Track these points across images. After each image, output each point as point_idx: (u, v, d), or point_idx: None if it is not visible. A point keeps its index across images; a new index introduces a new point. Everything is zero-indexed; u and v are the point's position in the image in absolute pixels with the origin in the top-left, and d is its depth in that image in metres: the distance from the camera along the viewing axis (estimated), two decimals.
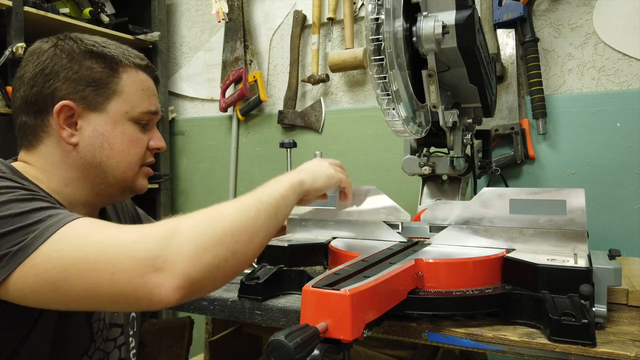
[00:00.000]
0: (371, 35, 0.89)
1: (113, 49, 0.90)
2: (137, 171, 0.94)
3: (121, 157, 0.91)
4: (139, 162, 0.94)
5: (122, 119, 0.90)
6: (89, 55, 0.87)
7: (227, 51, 2.19)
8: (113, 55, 0.89)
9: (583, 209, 0.87)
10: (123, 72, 0.90)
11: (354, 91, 1.96)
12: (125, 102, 0.90)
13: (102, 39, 0.92)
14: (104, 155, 0.89)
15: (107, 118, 0.89)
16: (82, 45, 0.88)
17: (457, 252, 0.88)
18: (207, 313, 0.98)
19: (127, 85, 0.90)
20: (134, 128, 0.92)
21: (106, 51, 0.89)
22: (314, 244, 1.01)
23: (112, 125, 0.89)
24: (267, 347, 0.53)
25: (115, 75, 0.89)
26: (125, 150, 0.91)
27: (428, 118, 1.06)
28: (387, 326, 0.81)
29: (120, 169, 0.91)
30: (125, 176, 0.92)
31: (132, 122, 0.91)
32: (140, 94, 0.92)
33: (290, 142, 1.28)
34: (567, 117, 1.60)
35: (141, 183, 0.97)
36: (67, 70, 0.86)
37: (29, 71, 0.87)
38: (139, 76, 0.92)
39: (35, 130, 0.88)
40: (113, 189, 0.93)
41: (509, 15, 1.61)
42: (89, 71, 0.87)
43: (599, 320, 0.76)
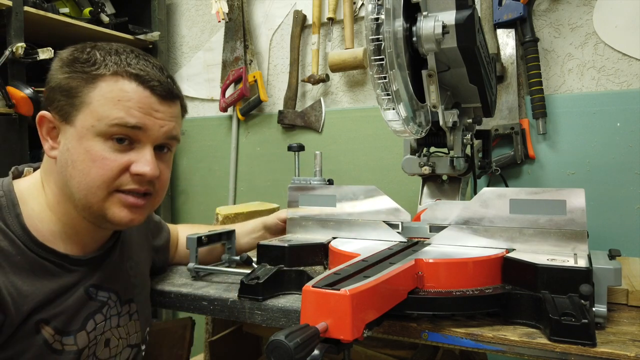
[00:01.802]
0: (371, 35, 0.89)
1: (103, 55, 0.81)
2: (104, 198, 0.80)
3: (81, 178, 0.79)
4: (104, 186, 0.79)
5: (88, 133, 0.78)
6: (72, 62, 0.80)
7: (227, 51, 2.19)
8: (94, 62, 0.80)
9: (583, 209, 0.87)
10: (101, 80, 0.79)
11: (354, 91, 1.96)
12: (91, 115, 0.78)
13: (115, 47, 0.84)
14: (68, 174, 0.80)
15: (74, 132, 0.79)
16: (76, 51, 0.82)
17: (457, 252, 0.88)
18: (207, 313, 0.98)
19: (99, 95, 0.78)
20: (102, 145, 0.79)
21: (91, 57, 0.80)
22: (314, 244, 1.01)
23: (78, 140, 0.79)
24: (267, 347, 0.53)
25: (90, 84, 0.79)
26: (86, 171, 0.78)
27: (428, 118, 1.06)
28: (387, 326, 0.81)
29: (81, 192, 0.79)
30: (88, 202, 0.80)
31: (101, 137, 0.79)
32: (113, 104, 0.78)
33: (298, 145, 1.27)
34: (567, 117, 1.60)
35: (114, 213, 0.81)
36: (53, 79, 0.82)
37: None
38: (119, 85, 0.79)
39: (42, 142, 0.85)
40: (85, 214, 0.82)
41: (509, 15, 1.61)
42: (67, 80, 0.80)
43: (599, 320, 0.76)
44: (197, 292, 0.99)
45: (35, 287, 0.78)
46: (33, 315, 0.77)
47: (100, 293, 0.88)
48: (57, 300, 0.81)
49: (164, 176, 0.87)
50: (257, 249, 1.01)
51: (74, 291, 0.84)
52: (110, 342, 0.89)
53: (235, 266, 1.15)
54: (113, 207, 0.81)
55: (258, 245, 1.00)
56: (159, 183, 0.86)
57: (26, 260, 0.78)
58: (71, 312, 0.82)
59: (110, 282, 0.91)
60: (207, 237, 1.11)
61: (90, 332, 0.85)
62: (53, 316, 0.80)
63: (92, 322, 0.86)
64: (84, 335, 0.84)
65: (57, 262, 0.82)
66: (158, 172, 0.83)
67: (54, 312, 0.80)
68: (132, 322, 0.95)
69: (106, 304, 0.89)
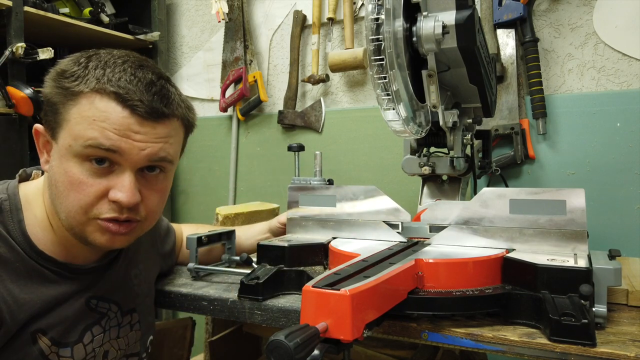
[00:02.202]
0: (371, 35, 0.89)
1: (91, 68, 0.75)
2: (84, 222, 0.76)
3: (62, 199, 0.75)
4: (82, 212, 0.75)
5: (67, 153, 0.74)
6: (60, 75, 0.76)
7: (227, 51, 2.19)
8: (78, 76, 0.75)
9: (583, 209, 0.87)
10: (82, 97, 0.74)
11: (354, 91, 1.96)
12: (69, 134, 0.74)
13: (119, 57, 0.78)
14: (53, 192, 0.77)
15: (57, 150, 0.76)
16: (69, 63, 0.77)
17: (457, 252, 0.88)
18: (207, 313, 0.98)
19: (77, 112, 0.74)
20: (80, 168, 0.74)
21: (79, 72, 0.75)
22: (314, 244, 1.01)
23: (58, 159, 0.76)
24: (267, 347, 0.53)
25: (70, 100, 0.74)
26: (65, 193, 0.75)
27: (428, 118, 1.06)
28: (387, 326, 0.81)
29: (62, 213, 0.76)
30: (70, 223, 0.77)
31: (78, 158, 0.74)
32: (88, 124, 0.73)
33: (298, 145, 1.27)
34: (567, 117, 1.60)
35: (95, 238, 0.77)
36: (45, 90, 0.78)
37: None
38: (97, 104, 0.73)
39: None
40: (70, 233, 0.79)
41: (509, 15, 1.61)
42: (54, 94, 0.76)
43: (599, 320, 0.76)
44: (197, 292, 0.99)
45: (33, 294, 0.77)
46: (30, 324, 0.76)
47: (100, 304, 0.87)
48: (55, 310, 0.79)
49: (150, 201, 0.81)
50: (257, 249, 1.01)
51: (74, 301, 0.82)
52: (108, 354, 0.88)
53: (235, 266, 1.15)
54: (94, 232, 0.78)
55: (258, 245, 1.00)
56: (145, 208, 0.80)
57: (25, 267, 0.77)
58: (69, 322, 0.81)
59: (112, 293, 0.89)
60: (207, 237, 1.11)
61: (87, 344, 0.84)
62: (50, 326, 0.78)
63: (89, 334, 0.84)
64: (81, 347, 0.82)
65: (56, 271, 0.81)
66: (136, 199, 0.77)
67: (52, 321, 0.79)
68: (132, 333, 0.94)
69: (106, 315, 0.88)
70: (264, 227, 1.26)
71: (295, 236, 1.10)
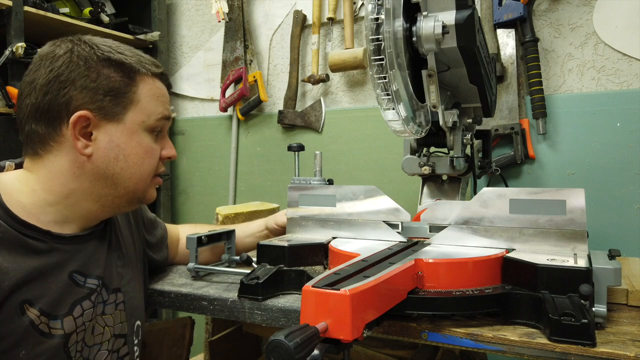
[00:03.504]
0: (371, 35, 0.89)
1: (130, 56, 0.88)
2: (150, 182, 0.93)
3: (135, 168, 0.89)
4: (152, 173, 0.92)
5: (139, 128, 0.88)
6: (107, 63, 0.85)
7: (227, 51, 2.19)
8: (131, 64, 0.87)
9: (583, 209, 0.87)
10: (140, 80, 0.88)
11: (354, 91, 1.96)
12: (141, 112, 0.88)
13: (116, 44, 0.90)
14: (118, 167, 0.87)
15: (123, 129, 0.87)
16: (98, 51, 0.85)
17: (457, 252, 0.88)
18: (207, 313, 0.98)
19: (144, 93, 0.88)
20: (148, 138, 0.90)
21: (123, 58, 0.87)
22: (314, 244, 1.01)
23: (129, 135, 0.88)
24: (267, 347, 0.53)
25: (133, 84, 0.87)
26: (140, 162, 0.89)
27: (428, 118, 1.06)
28: (387, 326, 0.81)
29: (133, 180, 0.89)
30: (137, 188, 0.91)
31: (147, 131, 0.90)
32: (156, 101, 0.90)
33: (298, 145, 1.27)
34: (567, 117, 1.60)
35: (151, 194, 0.95)
36: (85, 78, 0.83)
37: (42, 77, 0.83)
38: (155, 84, 0.91)
39: (45, 140, 0.85)
40: (121, 200, 0.91)
41: (509, 15, 1.61)
42: (107, 80, 0.85)
43: (599, 320, 0.76)
44: (197, 292, 0.99)
45: (16, 263, 0.78)
46: (15, 294, 0.77)
47: (89, 280, 0.88)
48: (38, 280, 0.81)
49: None
50: (257, 249, 1.01)
51: (57, 274, 0.84)
52: (95, 330, 0.89)
53: (235, 266, 1.15)
54: (151, 189, 0.95)
55: (258, 245, 1.00)
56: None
57: (6, 237, 0.79)
58: (55, 295, 0.82)
59: (94, 267, 0.90)
60: (207, 237, 1.11)
61: (78, 317, 0.85)
62: (36, 297, 0.80)
63: (79, 307, 0.85)
64: (71, 320, 0.84)
65: (38, 238, 0.82)
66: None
67: (37, 293, 0.80)
68: (117, 312, 0.94)
69: (95, 291, 0.89)
70: (261, 225, 1.27)
71: (295, 236, 1.10)
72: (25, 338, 0.78)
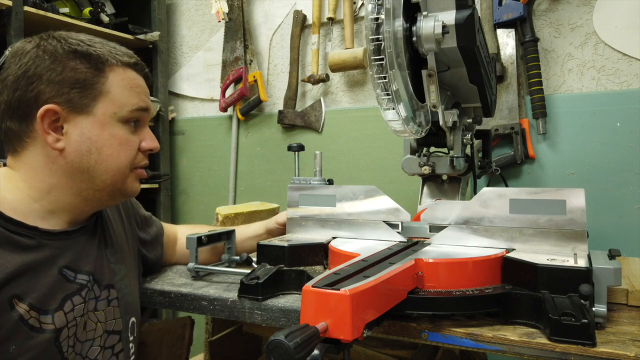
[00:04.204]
0: (371, 35, 0.89)
1: (99, 48, 0.86)
2: (128, 175, 0.90)
3: (110, 161, 0.87)
4: (129, 165, 0.90)
5: (111, 120, 0.86)
6: (72, 55, 0.84)
7: (227, 51, 2.19)
8: (99, 55, 0.85)
9: (583, 208, 0.87)
10: (109, 71, 0.86)
11: (354, 91, 1.96)
12: (112, 103, 0.86)
13: (88, 37, 0.88)
14: (92, 160, 0.85)
15: (94, 120, 0.85)
16: (65, 44, 0.84)
17: (457, 252, 0.88)
18: (207, 313, 0.98)
19: (114, 84, 0.86)
20: (123, 129, 0.88)
21: (91, 50, 0.85)
22: (314, 244, 1.01)
23: (100, 127, 0.85)
24: (267, 347, 0.53)
25: (101, 75, 0.85)
26: (115, 154, 0.87)
27: (428, 118, 1.06)
28: (387, 326, 0.81)
29: (109, 173, 0.87)
30: (115, 180, 0.88)
31: (121, 122, 0.87)
32: (129, 92, 0.88)
33: (298, 145, 1.27)
34: (567, 117, 1.60)
35: (133, 186, 0.92)
36: (50, 72, 0.82)
37: (12, 74, 0.84)
38: (127, 74, 0.88)
39: (20, 136, 0.85)
40: (101, 194, 0.89)
41: (509, 15, 1.61)
42: (73, 72, 0.83)
43: (599, 320, 0.76)
44: (197, 292, 0.99)
45: (4, 259, 0.78)
46: (4, 289, 0.77)
47: (79, 276, 0.88)
48: (27, 275, 0.80)
49: None
50: (257, 249, 1.01)
51: (46, 269, 0.83)
52: (87, 325, 0.89)
53: (235, 266, 1.15)
54: (133, 182, 0.92)
55: (258, 245, 1.00)
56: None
57: None
58: (45, 290, 0.82)
59: (85, 263, 0.90)
60: (207, 237, 1.11)
61: (68, 312, 0.85)
62: (26, 292, 0.80)
63: (69, 303, 0.85)
64: (62, 315, 0.84)
65: (25, 234, 0.82)
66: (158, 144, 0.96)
67: (26, 288, 0.80)
68: (110, 308, 0.94)
69: (85, 287, 0.89)
70: (260, 227, 1.26)
71: (295, 236, 1.10)
72: (14, 333, 0.78)
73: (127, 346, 0.97)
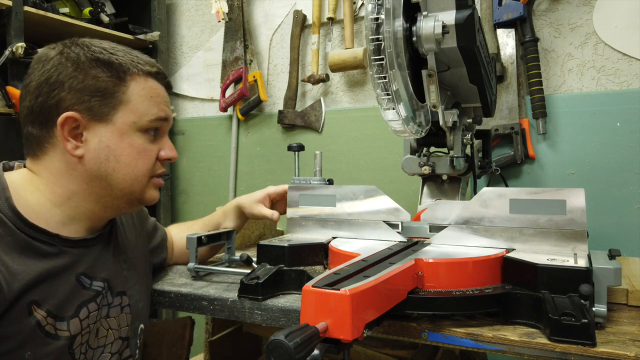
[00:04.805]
0: (371, 35, 0.89)
1: (121, 56, 0.87)
2: (146, 183, 0.91)
3: (128, 169, 0.87)
4: (148, 174, 0.90)
5: (130, 129, 0.87)
6: (95, 64, 0.84)
7: (227, 51, 2.19)
8: (120, 63, 0.86)
9: (583, 208, 0.87)
10: (131, 80, 0.87)
11: (354, 91, 1.96)
12: (132, 112, 0.87)
13: (112, 45, 0.89)
14: (110, 168, 0.86)
15: (113, 129, 0.86)
16: (88, 52, 0.85)
17: (457, 252, 0.88)
18: (207, 313, 0.98)
19: (135, 93, 0.87)
20: (142, 138, 0.88)
21: (113, 58, 0.86)
22: (314, 244, 1.01)
23: (119, 136, 0.86)
24: (267, 347, 0.53)
25: (122, 84, 0.86)
26: (133, 163, 0.88)
27: (428, 118, 1.06)
28: (387, 326, 0.81)
29: (127, 182, 0.88)
30: (133, 189, 0.89)
31: (140, 132, 0.88)
32: (149, 101, 0.88)
33: (298, 145, 1.27)
34: (567, 117, 1.60)
35: (151, 195, 0.93)
36: (72, 79, 0.83)
37: (35, 80, 0.85)
38: (148, 83, 0.89)
39: (40, 142, 0.86)
40: (120, 201, 0.90)
41: (509, 15, 1.61)
42: (95, 80, 0.84)
43: (599, 320, 0.76)
44: (197, 292, 0.99)
45: (26, 266, 0.79)
46: (25, 295, 0.78)
47: (95, 283, 0.89)
48: (47, 282, 0.81)
49: None
50: (257, 249, 1.01)
51: (65, 276, 0.84)
52: (99, 332, 0.89)
53: (235, 266, 1.15)
54: (150, 189, 0.93)
55: (258, 245, 1.00)
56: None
57: (16, 241, 0.79)
58: (62, 297, 0.83)
59: (101, 270, 0.91)
60: (207, 237, 1.11)
61: (84, 319, 0.85)
62: (44, 299, 0.80)
63: (85, 310, 0.86)
64: (77, 322, 0.84)
65: (47, 242, 0.83)
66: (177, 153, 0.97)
67: (45, 294, 0.80)
68: (122, 315, 0.95)
69: (100, 294, 0.89)
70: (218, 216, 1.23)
71: (295, 236, 1.10)
72: (31, 338, 0.78)
73: (134, 352, 0.98)
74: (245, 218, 1.23)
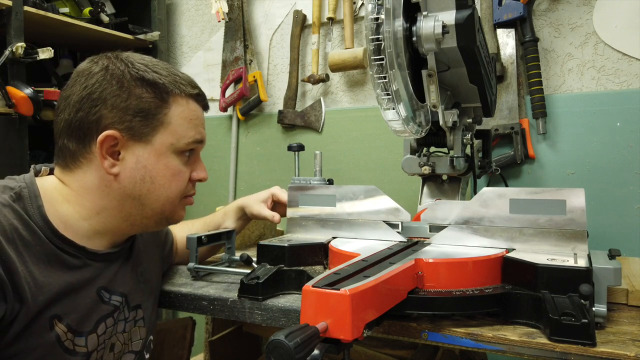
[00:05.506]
0: (371, 35, 0.89)
1: (165, 76, 0.86)
2: (177, 204, 0.91)
3: (162, 191, 0.87)
4: (180, 195, 0.91)
5: (167, 151, 0.86)
6: (139, 83, 0.84)
7: (227, 51, 2.19)
8: (164, 84, 0.85)
9: (583, 208, 0.87)
10: (173, 102, 0.86)
11: (354, 91, 1.96)
12: (171, 134, 0.86)
13: (153, 62, 0.88)
14: (145, 188, 0.86)
15: (151, 150, 0.85)
16: (133, 69, 0.84)
17: (457, 252, 0.88)
18: (207, 313, 0.98)
19: (175, 115, 0.86)
20: (177, 160, 0.88)
21: (157, 78, 0.85)
22: (314, 244, 1.01)
23: (156, 157, 0.86)
24: (267, 347, 0.53)
25: (165, 106, 0.85)
26: (167, 185, 0.87)
27: (428, 118, 1.06)
28: (387, 326, 0.81)
29: (159, 202, 0.88)
30: (164, 209, 0.89)
31: (176, 154, 0.88)
32: (188, 124, 0.88)
33: (298, 145, 1.27)
34: (567, 117, 1.60)
35: (179, 215, 0.93)
36: (116, 97, 0.82)
37: (76, 93, 0.83)
38: (189, 106, 0.89)
39: (76, 156, 0.85)
40: (149, 221, 0.90)
41: (509, 15, 1.61)
42: (138, 100, 0.83)
43: (599, 320, 0.76)
44: (197, 292, 0.99)
45: (51, 278, 0.78)
46: (48, 309, 0.77)
47: (113, 297, 0.88)
48: (70, 295, 0.81)
49: None
50: (257, 249, 1.01)
51: (87, 290, 0.84)
52: (114, 347, 0.89)
53: (235, 266, 1.15)
54: (180, 210, 0.93)
55: (258, 245, 1.00)
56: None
57: (44, 251, 0.79)
58: (83, 311, 0.82)
59: (121, 285, 0.91)
60: (207, 237, 1.11)
61: (101, 335, 0.85)
62: (65, 313, 0.80)
63: (103, 325, 0.86)
64: (95, 338, 0.84)
65: (73, 254, 0.83)
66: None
67: (67, 308, 0.80)
68: (136, 329, 0.95)
69: (118, 308, 0.89)
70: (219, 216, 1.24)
71: (295, 236, 1.10)
72: (49, 354, 0.78)
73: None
74: (247, 219, 1.22)
